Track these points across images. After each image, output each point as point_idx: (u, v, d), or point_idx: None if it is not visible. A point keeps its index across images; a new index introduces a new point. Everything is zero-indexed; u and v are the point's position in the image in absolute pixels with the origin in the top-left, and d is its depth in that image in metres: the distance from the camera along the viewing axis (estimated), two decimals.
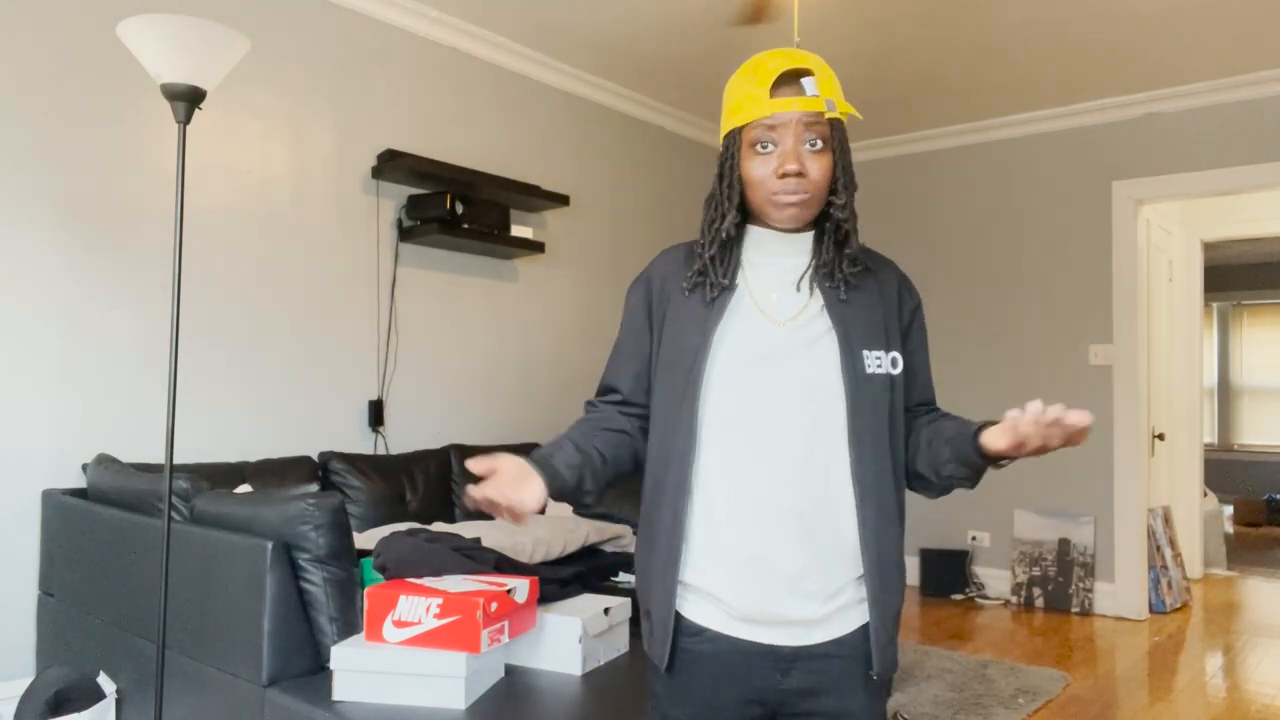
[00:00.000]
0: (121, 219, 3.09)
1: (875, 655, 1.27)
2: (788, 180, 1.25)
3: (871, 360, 1.28)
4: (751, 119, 1.26)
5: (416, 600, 1.96)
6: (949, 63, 4.49)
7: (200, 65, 2.10)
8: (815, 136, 1.25)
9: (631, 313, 1.41)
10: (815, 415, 1.26)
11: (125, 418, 3.08)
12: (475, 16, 4.06)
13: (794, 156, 1.24)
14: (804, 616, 1.26)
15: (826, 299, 1.30)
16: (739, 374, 1.27)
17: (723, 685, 1.29)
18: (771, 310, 1.30)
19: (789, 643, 1.27)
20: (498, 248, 4.13)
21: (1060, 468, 5.15)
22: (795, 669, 1.28)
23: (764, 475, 1.25)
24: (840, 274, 1.31)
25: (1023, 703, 3.45)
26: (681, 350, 1.31)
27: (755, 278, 1.32)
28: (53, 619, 2.83)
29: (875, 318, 1.31)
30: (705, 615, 1.30)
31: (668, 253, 1.41)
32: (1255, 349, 9.45)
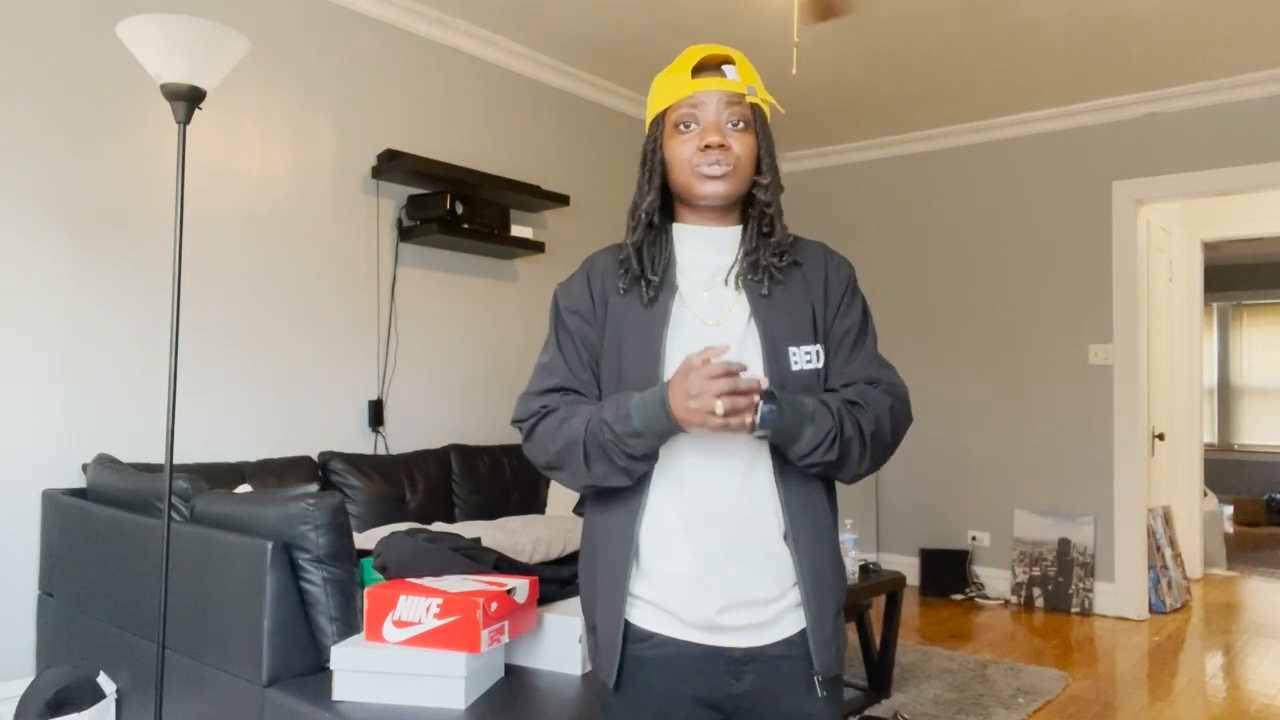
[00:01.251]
0: (121, 219, 3.09)
1: (814, 654, 1.27)
2: (710, 151, 1.25)
3: (800, 356, 1.27)
4: (674, 100, 1.28)
5: (416, 600, 1.96)
6: (949, 63, 4.49)
7: (200, 65, 2.10)
8: (737, 117, 1.27)
9: (572, 308, 1.35)
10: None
11: (125, 418, 3.08)
12: (475, 16, 4.06)
13: (716, 129, 1.26)
14: (751, 621, 1.26)
15: (750, 297, 1.29)
16: None
17: (674, 690, 1.28)
18: (703, 312, 1.29)
19: (739, 644, 1.27)
20: (498, 248, 4.13)
21: (1060, 468, 5.15)
22: (748, 672, 1.27)
23: (707, 486, 1.25)
24: (764, 266, 1.29)
25: (1023, 703, 3.45)
26: (632, 357, 1.28)
27: (685, 280, 1.32)
28: (53, 619, 2.83)
29: (801, 311, 1.30)
30: (653, 621, 1.29)
31: (602, 253, 1.38)
32: (1255, 349, 9.45)
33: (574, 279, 1.38)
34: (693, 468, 1.26)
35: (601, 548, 1.32)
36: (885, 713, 3.30)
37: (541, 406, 1.32)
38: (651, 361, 1.27)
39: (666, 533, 1.27)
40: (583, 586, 1.37)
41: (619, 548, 1.29)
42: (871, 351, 1.35)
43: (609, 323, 1.32)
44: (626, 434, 1.21)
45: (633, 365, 1.28)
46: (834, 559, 1.31)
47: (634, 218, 1.32)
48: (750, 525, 1.25)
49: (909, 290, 5.73)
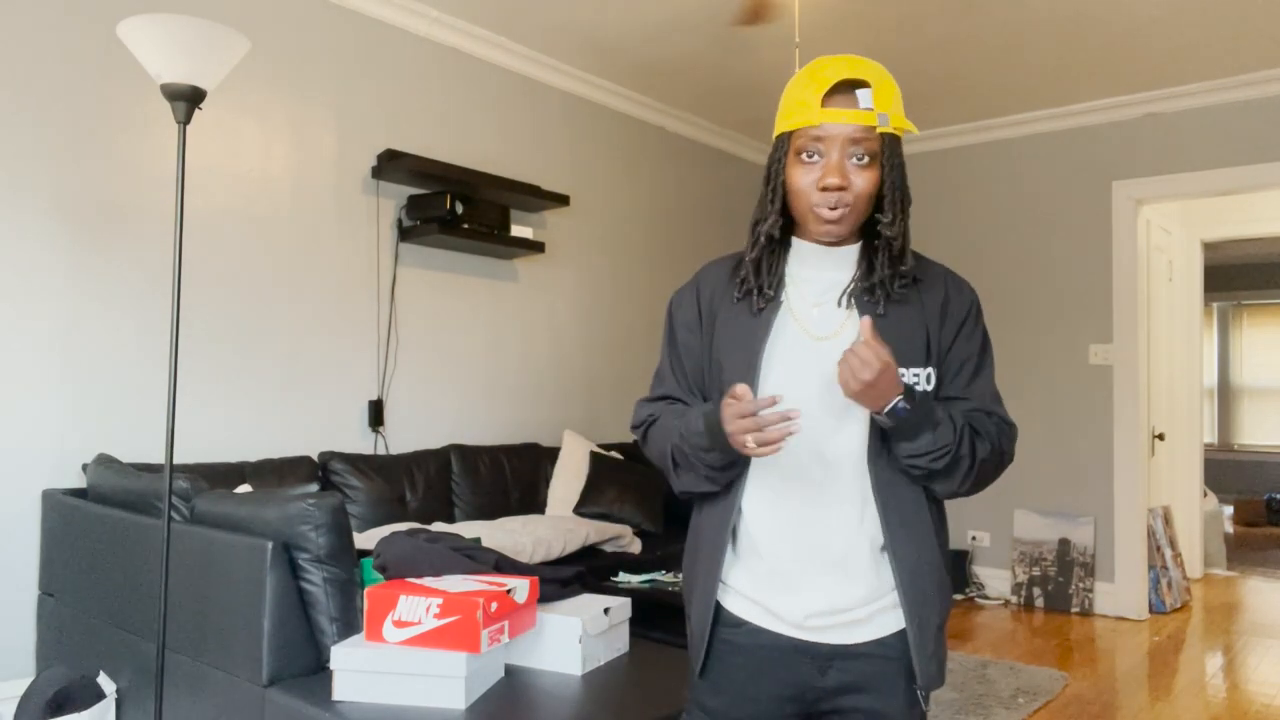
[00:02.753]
0: (121, 219, 3.09)
1: (918, 666, 1.27)
2: (828, 194, 1.23)
3: (908, 377, 1.27)
4: (799, 126, 1.24)
5: (416, 600, 1.96)
6: (949, 63, 4.49)
7: (200, 65, 2.10)
8: (863, 151, 1.23)
9: (683, 320, 1.40)
10: (847, 438, 1.27)
11: (125, 418, 3.08)
12: (475, 16, 4.06)
13: (837, 170, 1.22)
14: (842, 621, 1.28)
15: (864, 310, 1.29)
16: (786, 392, 1.28)
17: (759, 678, 1.31)
18: (812, 327, 1.30)
19: (828, 640, 1.29)
20: (498, 248, 4.13)
21: (1060, 468, 5.15)
22: (834, 667, 1.29)
23: (804, 495, 1.28)
24: (882, 290, 1.29)
25: (1023, 703, 3.45)
26: (730, 366, 1.31)
27: (797, 293, 1.32)
28: (53, 619, 2.83)
29: (914, 332, 1.29)
30: (744, 610, 1.33)
31: (715, 263, 1.42)
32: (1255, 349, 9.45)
33: (685, 289, 1.42)
34: (792, 472, 1.29)
35: (703, 540, 1.36)
36: None
37: (649, 415, 1.41)
38: (749, 372, 1.29)
39: (764, 532, 1.30)
40: (684, 579, 1.41)
41: (717, 540, 1.33)
42: (989, 383, 1.35)
43: (716, 333, 1.35)
44: (700, 448, 1.27)
45: (732, 375, 1.31)
46: (937, 572, 1.30)
47: (754, 234, 1.33)
48: (846, 534, 1.27)
49: None
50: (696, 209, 5.58)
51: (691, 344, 1.39)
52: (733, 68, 4.63)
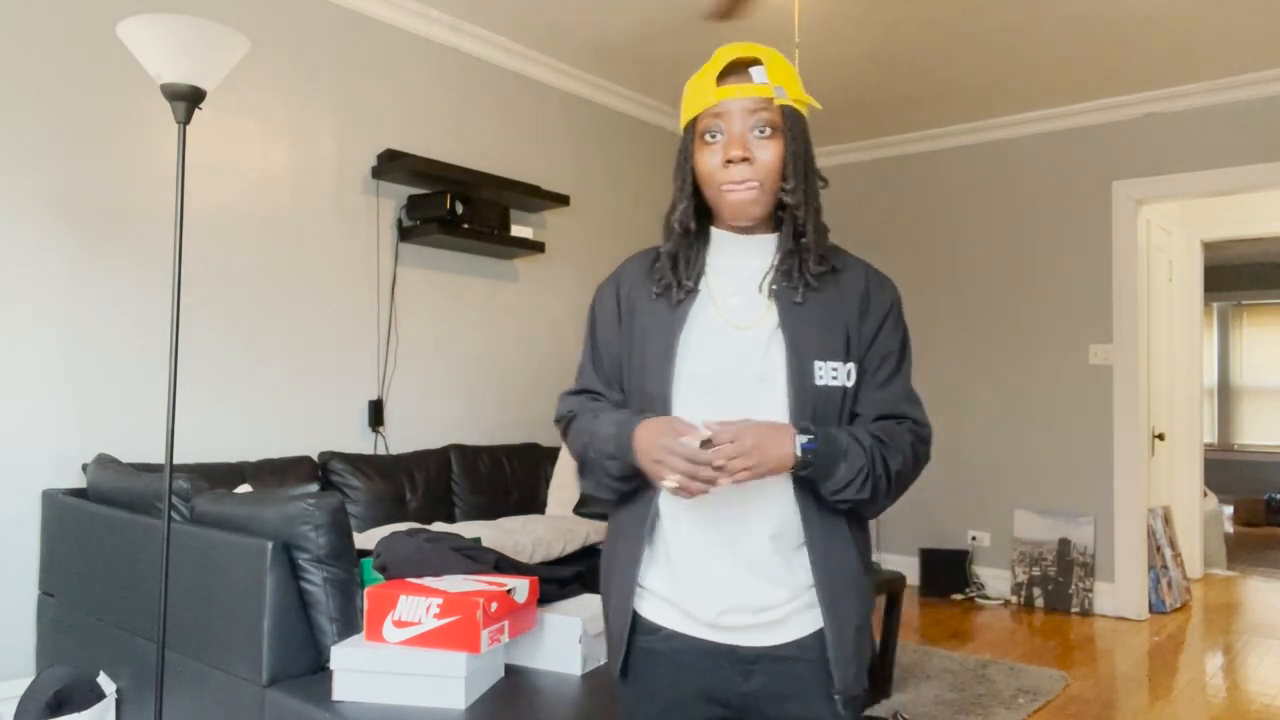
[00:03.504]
0: (121, 219, 3.09)
1: (835, 670, 1.24)
2: (732, 168, 1.23)
3: (825, 371, 1.24)
4: (699, 109, 1.25)
5: (416, 600, 1.96)
6: (949, 63, 4.49)
7: (200, 65, 2.10)
8: (764, 123, 1.23)
9: (602, 316, 1.39)
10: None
11: (125, 418, 3.08)
12: (475, 16, 4.06)
13: (739, 142, 1.22)
14: (759, 621, 1.25)
15: (781, 305, 1.26)
16: (700, 385, 1.26)
17: (682, 685, 1.29)
18: (732, 316, 1.28)
19: (749, 643, 1.26)
20: (498, 248, 4.13)
21: (1060, 468, 5.15)
22: (757, 671, 1.26)
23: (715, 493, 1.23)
24: (800, 275, 1.27)
25: (1023, 703, 3.45)
26: (649, 357, 1.30)
27: (717, 282, 1.30)
28: (53, 619, 2.83)
29: (833, 325, 1.27)
30: (662, 615, 1.30)
31: (637, 257, 1.41)
32: (1255, 349, 9.45)
33: (606, 284, 1.41)
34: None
35: (618, 541, 1.35)
36: (885, 713, 3.30)
37: (569, 410, 1.40)
38: (665, 361, 1.27)
39: (678, 531, 1.28)
40: (601, 583, 1.39)
41: (632, 542, 1.31)
42: (906, 384, 1.33)
43: (635, 327, 1.33)
44: (604, 454, 1.27)
45: (651, 366, 1.29)
46: (854, 573, 1.28)
47: (668, 227, 1.32)
48: (762, 530, 1.25)
49: (909, 290, 5.73)
50: None
51: (609, 338, 1.38)
52: None
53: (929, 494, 5.60)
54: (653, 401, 1.28)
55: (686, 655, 1.28)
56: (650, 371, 1.29)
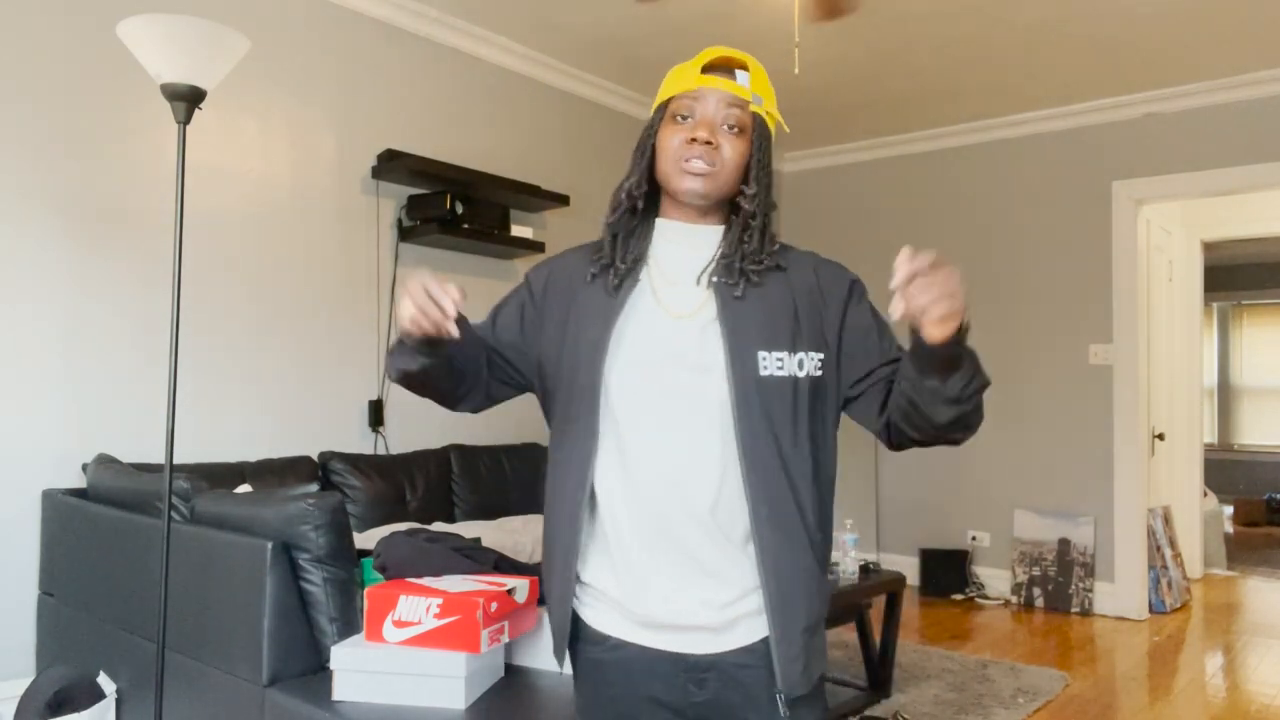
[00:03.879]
0: (121, 219, 3.09)
1: (778, 670, 1.20)
2: (695, 146, 1.22)
3: (770, 361, 1.21)
4: (677, 91, 1.26)
5: (416, 600, 1.96)
6: (949, 63, 4.49)
7: (200, 65, 2.10)
8: (735, 120, 1.24)
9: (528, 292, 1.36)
10: (708, 418, 1.20)
11: (125, 418, 3.08)
12: (475, 16, 4.06)
13: (709, 126, 1.23)
14: (703, 623, 1.21)
15: (720, 297, 1.24)
16: (635, 373, 1.22)
17: (632, 696, 1.25)
18: (670, 303, 1.26)
19: (696, 650, 1.22)
20: (498, 248, 4.13)
21: (1060, 468, 5.15)
22: (709, 680, 1.23)
23: (656, 479, 1.20)
24: (740, 272, 1.24)
25: (1023, 703, 3.45)
26: (583, 343, 1.26)
27: (658, 271, 1.28)
28: (53, 619, 2.83)
29: (778, 317, 1.24)
30: (607, 622, 1.26)
31: (580, 247, 1.38)
32: (1255, 349, 9.45)
33: (543, 263, 1.38)
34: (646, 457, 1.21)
35: (555, 529, 1.28)
36: (885, 713, 3.30)
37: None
38: (599, 348, 1.23)
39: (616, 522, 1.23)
40: (543, 578, 1.34)
41: (568, 524, 1.26)
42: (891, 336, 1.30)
43: (571, 312, 1.30)
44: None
45: (584, 350, 1.25)
46: (805, 570, 1.22)
47: (615, 199, 1.30)
48: (706, 517, 1.20)
49: None
50: None
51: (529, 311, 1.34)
52: None
53: (929, 494, 5.60)
54: (585, 388, 1.24)
55: (636, 664, 1.24)
56: (584, 357, 1.25)
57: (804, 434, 1.23)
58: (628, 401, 1.22)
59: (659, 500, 1.20)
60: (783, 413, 1.21)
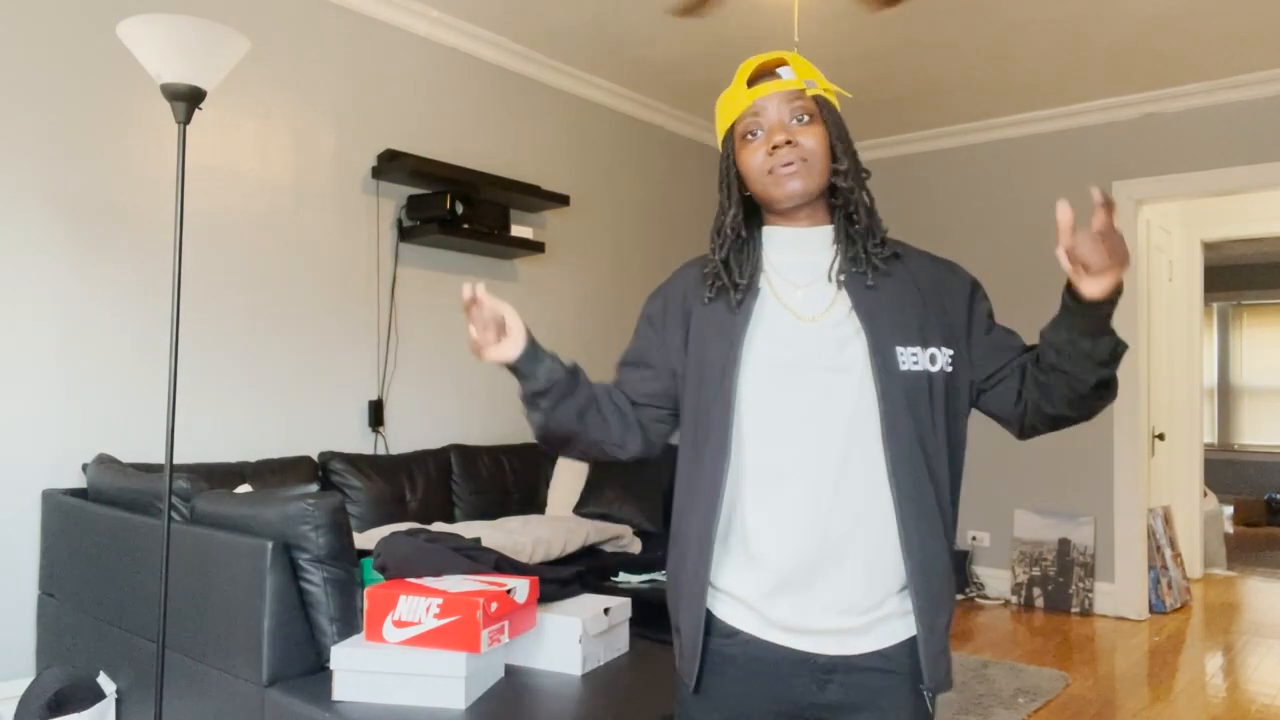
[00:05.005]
0: (121, 219, 3.09)
1: (925, 668, 1.21)
2: (779, 152, 1.22)
3: (906, 357, 1.21)
4: (736, 113, 1.27)
5: (416, 600, 1.96)
6: (949, 63, 4.49)
7: (200, 65, 2.10)
8: (801, 111, 1.24)
9: (646, 322, 1.37)
10: (849, 419, 1.20)
11: (125, 418, 3.08)
12: (475, 17, 4.06)
13: (781, 128, 1.23)
14: (843, 626, 1.21)
15: (853, 293, 1.24)
16: (770, 379, 1.22)
17: (752, 692, 1.24)
18: (798, 308, 1.25)
19: (827, 651, 1.21)
20: (498, 248, 4.13)
21: (1060, 468, 5.15)
22: (833, 681, 1.22)
23: (798, 484, 1.20)
24: (864, 258, 1.25)
25: (1023, 703, 3.45)
26: (711, 359, 1.26)
27: (777, 279, 1.28)
28: (53, 619, 2.83)
29: (908, 311, 1.24)
30: (738, 618, 1.25)
31: (688, 265, 1.38)
32: (1255, 349, 9.45)
33: (656, 292, 1.39)
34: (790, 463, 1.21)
35: (688, 539, 1.28)
36: None
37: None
38: (730, 362, 1.24)
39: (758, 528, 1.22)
40: (669, 588, 1.33)
41: (704, 538, 1.25)
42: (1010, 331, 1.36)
43: (692, 332, 1.31)
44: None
45: (713, 366, 1.26)
46: (945, 568, 1.24)
47: (719, 235, 1.30)
48: (851, 521, 1.20)
49: None
50: (696, 209, 5.58)
51: (649, 339, 1.36)
52: (732, 67, 4.62)
53: None
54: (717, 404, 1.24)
55: (760, 662, 1.24)
56: (712, 374, 1.25)
57: (941, 430, 1.24)
58: (763, 412, 1.22)
59: (804, 509, 1.20)
60: (923, 410, 1.21)
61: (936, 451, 1.23)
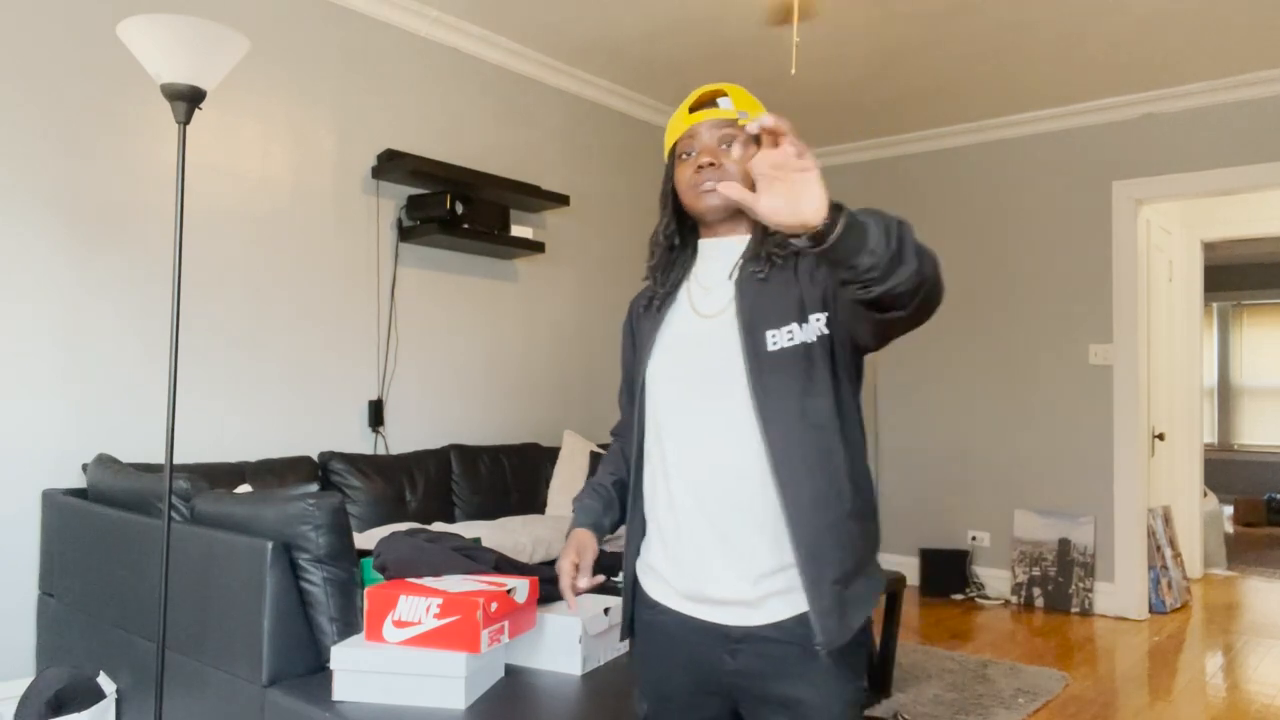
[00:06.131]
0: (121, 219, 3.09)
1: (815, 625, 1.27)
2: (702, 171, 1.37)
3: (781, 337, 1.31)
4: (676, 136, 1.43)
5: (416, 600, 1.96)
6: (949, 63, 4.49)
7: (200, 65, 2.10)
8: (730, 139, 1.39)
9: (623, 341, 1.60)
10: (729, 405, 1.33)
11: (125, 418, 3.08)
12: (475, 16, 4.06)
13: (709, 151, 1.38)
14: (737, 597, 1.31)
15: (741, 289, 1.36)
16: (669, 373, 1.40)
17: (673, 658, 1.39)
18: (702, 308, 1.41)
19: (732, 622, 1.32)
20: (498, 248, 4.13)
21: (1060, 468, 5.15)
22: (742, 651, 1.32)
23: (690, 465, 1.35)
24: (765, 254, 1.37)
25: (1023, 703, 3.45)
26: (637, 360, 1.49)
27: (694, 284, 1.44)
28: (53, 619, 2.83)
29: (790, 294, 1.34)
30: (656, 590, 1.42)
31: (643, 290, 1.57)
32: (1255, 349, 9.45)
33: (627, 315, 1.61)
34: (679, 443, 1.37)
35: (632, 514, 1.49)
36: (885, 713, 3.30)
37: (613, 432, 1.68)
38: (643, 361, 1.45)
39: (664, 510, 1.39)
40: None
41: (636, 518, 1.48)
42: None
43: (638, 336, 1.52)
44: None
45: (637, 366, 1.48)
46: (833, 524, 1.29)
47: (653, 244, 1.49)
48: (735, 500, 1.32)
49: None
50: None
51: (628, 361, 1.59)
52: (732, 67, 4.63)
53: (929, 494, 5.60)
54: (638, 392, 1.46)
55: (677, 630, 1.38)
56: (637, 370, 1.48)
57: (823, 393, 1.32)
58: (663, 397, 1.40)
59: (692, 485, 1.35)
60: (799, 379, 1.31)
61: (826, 419, 1.31)
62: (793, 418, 1.29)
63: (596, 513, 1.55)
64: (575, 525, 1.54)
